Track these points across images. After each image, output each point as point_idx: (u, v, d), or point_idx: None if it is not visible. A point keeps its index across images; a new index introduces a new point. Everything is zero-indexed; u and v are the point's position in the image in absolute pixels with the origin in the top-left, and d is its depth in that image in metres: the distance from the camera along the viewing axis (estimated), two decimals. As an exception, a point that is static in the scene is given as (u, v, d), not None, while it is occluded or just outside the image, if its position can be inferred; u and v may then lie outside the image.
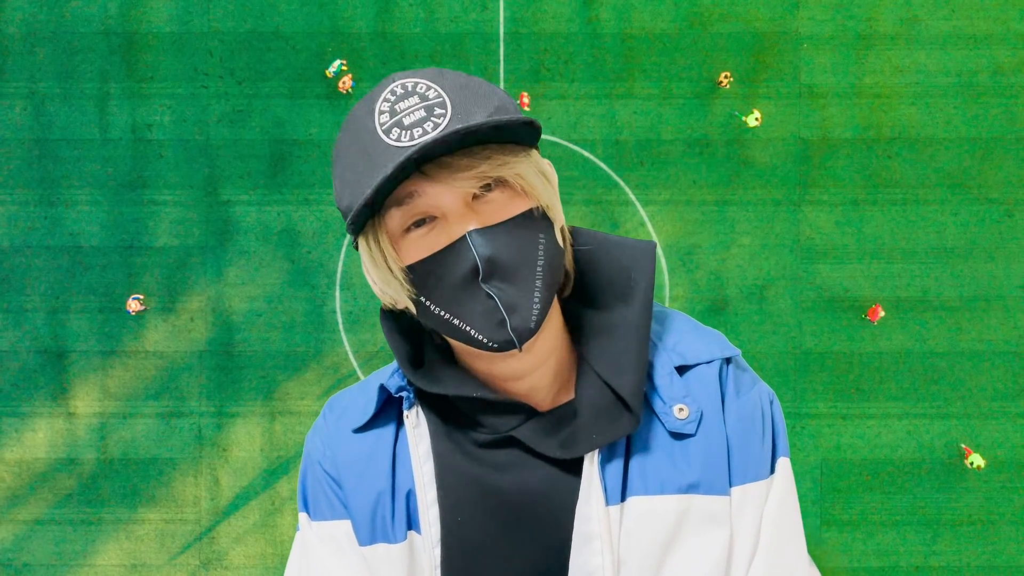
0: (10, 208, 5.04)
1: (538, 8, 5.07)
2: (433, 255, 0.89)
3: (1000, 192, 5.05)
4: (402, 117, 0.87)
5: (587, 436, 0.94)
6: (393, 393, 1.00)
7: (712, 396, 0.97)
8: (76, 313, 5.01)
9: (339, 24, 5.06)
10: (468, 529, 0.96)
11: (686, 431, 0.95)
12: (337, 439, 1.02)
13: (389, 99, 0.88)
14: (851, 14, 5.09)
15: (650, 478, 0.94)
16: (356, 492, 0.99)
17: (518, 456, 0.96)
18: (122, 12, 5.07)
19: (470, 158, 0.88)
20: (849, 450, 4.98)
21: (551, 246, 0.92)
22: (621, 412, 0.94)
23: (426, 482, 0.97)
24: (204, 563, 4.97)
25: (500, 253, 0.89)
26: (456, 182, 0.87)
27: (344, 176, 0.92)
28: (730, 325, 5.02)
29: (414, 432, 0.99)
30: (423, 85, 0.89)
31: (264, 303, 5.02)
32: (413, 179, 0.88)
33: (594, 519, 0.93)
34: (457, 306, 0.90)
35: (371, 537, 0.98)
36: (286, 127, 5.04)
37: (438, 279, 0.90)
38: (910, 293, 5.03)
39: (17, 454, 5.00)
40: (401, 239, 0.90)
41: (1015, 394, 5.01)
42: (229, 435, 4.99)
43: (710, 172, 5.05)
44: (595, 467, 0.93)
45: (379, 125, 0.87)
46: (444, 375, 0.98)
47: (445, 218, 0.89)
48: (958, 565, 4.96)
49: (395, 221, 0.89)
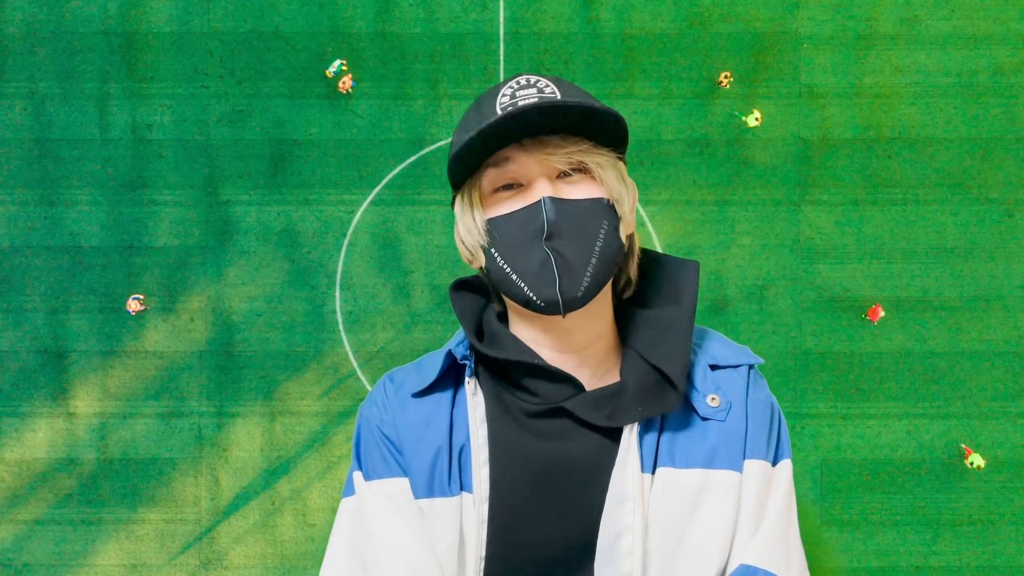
0: (10, 208, 5.04)
1: (538, 8, 5.07)
2: (511, 212, 1.04)
3: (1000, 192, 5.05)
4: (518, 100, 1.02)
5: (632, 409, 1.06)
6: (459, 359, 1.12)
7: (738, 392, 1.10)
8: (76, 313, 5.01)
9: (339, 24, 5.06)
10: (514, 488, 1.08)
11: (716, 417, 1.08)
12: (397, 405, 1.14)
13: (513, 87, 1.04)
14: (851, 14, 5.09)
15: (678, 453, 1.07)
16: (415, 451, 1.11)
17: (565, 425, 1.08)
18: (122, 12, 5.07)
19: (564, 141, 1.03)
20: (849, 450, 4.98)
21: (611, 235, 1.05)
22: (665, 390, 1.07)
23: (479, 444, 1.09)
24: (204, 563, 4.97)
25: (566, 222, 1.02)
26: (547, 157, 1.03)
27: (457, 136, 1.07)
28: (730, 325, 5.02)
29: (473, 399, 1.11)
30: (542, 81, 1.05)
31: (264, 303, 5.02)
32: (512, 147, 1.03)
33: (628, 483, 1.05)
34: (518, 260, 1.03)
35: (429, 491, 1.10)
36: (286, 127, 5.04)
37: (509, 234, 1.04)
38: (910, 293, 5.03)
39: (17, 454, 5.00)
40: (490, 196, 1.06)
41: (1015, 394, 5.01)
42: (229, 435, 4.99)
43: (710, 172, 5.05)
44: (634, 437, 1.06)
45: (499, 103, 1.03)
46: (507, 343, 1.11)
47: (530, 186, 1.04)
48: (958, 565, 4.96)
49: (488, 180, 1.05)
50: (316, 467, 4.99)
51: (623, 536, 1.05)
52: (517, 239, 1.03)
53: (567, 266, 1.01)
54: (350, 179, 5.04)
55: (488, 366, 1.13)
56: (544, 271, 1.01)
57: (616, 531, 1.05)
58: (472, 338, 1.12)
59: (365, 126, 5.05)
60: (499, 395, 1.11)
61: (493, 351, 1.09)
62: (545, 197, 1.02)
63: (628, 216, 1.09)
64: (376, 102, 5.05)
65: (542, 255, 1.02)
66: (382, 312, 5.03)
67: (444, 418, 1.11)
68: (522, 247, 1.03)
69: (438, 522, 1.09)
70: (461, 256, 1.13)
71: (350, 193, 5.04)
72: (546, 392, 1.08)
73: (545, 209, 1.01)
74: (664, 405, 1.06)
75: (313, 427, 5.00)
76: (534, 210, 1.02)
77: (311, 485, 4.99)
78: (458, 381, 1.13)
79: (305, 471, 5.03)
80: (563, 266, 1.01)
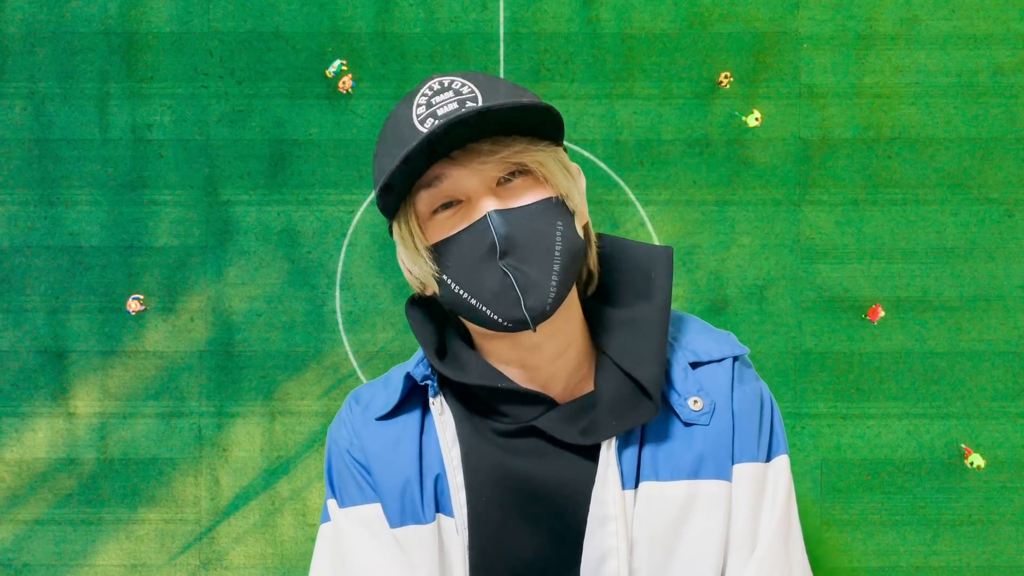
0: (10, 208, 5.04)
1: (538, 8, 5.08)
2: (456, 234, 0.95)
3: (1000, 192, 5.05)
4: (436, 108, 0.93)
5: (607, 423, 0.98)
6: (419, 382, 1.05)
7: (722, 390, 1.02)
8: (76, 313, 5.01)
9: (339, 24, 5.06)
10: (491, 510, 1.01)
11: (700, 422, 1.00)
12: (363, 427, 1.07)
13: (427, 94, 0.95)
14: (851, 14, 5.09)
15: (661, 465, 0.99)
16: (384, 477, 1.04)
17: (538, 444, 1.01)
18: (122, 12, 5.07)
19: (495, 145, 0.94)
20: (849, 450, 4.98)
21: (569, 234, 0.96)
22: (641, 400, 0.99)
23: (455, 466, 1.02)
24: (204, 563, 4.97)
25: (518, 233, 0.93)
26: (481, 166, 0.94)
27: (380, 163, 0.99)
28: (730, 325, 5.02)
29: (440, 419, 1.03)
30: (458, 82, 0.95)
31: (264, 303, 5.02)
32: (441, 163, 0.94)
33: (610, 502, 0.97)
34: (474, 284, 0.95)
35: (401, 519, 1.03)
36: (286, 127, 5.04)
37: (459, 257, 0.95)
38: (910, 293, 5.04)
39: (17, 454, 5.01)
40: (429, 220, 0.98)
41: (1015, 394, 5.02)
42: (229, 435, 4.99)
43: (710, 172, 5.05)
44: (612, 453, 0.98)
45: (415, 116, 0.94)
46: (469, 365, 1.03)
47: (469, 201, 0.95)
48: (958, 565, 4.97)
49: (423, 203, 0.97)
50: (316, 467, 4.99)
51: (608, 559, 0.98)
52: (468, 262, 0.94)
53: (529, 281, 0.93)
54: (350, 179, 5.05)
55: (452, 387, 1.05)
56: (505, 291, 0.93)
57: (600, 554, 0.98)
58: (433, 359, 1.03)
59: (365, 126, 5.05)
60: (467, 412, 1.04)
61: (455, 374, 1.01)
62: (490, 212, 0.93)
63: (581, 206, 1.01)
64: (376, 102, 5.06)
65: (499, 275, 0.93)
66: (382, 312, 5.03)
67: (412, 442, 1.04)
68: (476, 270, 0.94)
69: (414, 551, 1.02)
70: (411, 285, 1.05)
71: (350, 193, 5.05)
72: (515, 412, 1.01)
73: (492, 225, 0.93)
74: (641, 415, 0.98)
75: (313, 427, 5.00)
76: (480, 228, 0.93)
77: (311, 485, 4.99)
78: (425, 400, 1.06)
79: (305, 471, 5.04)
80: (525, 282, 0.93)
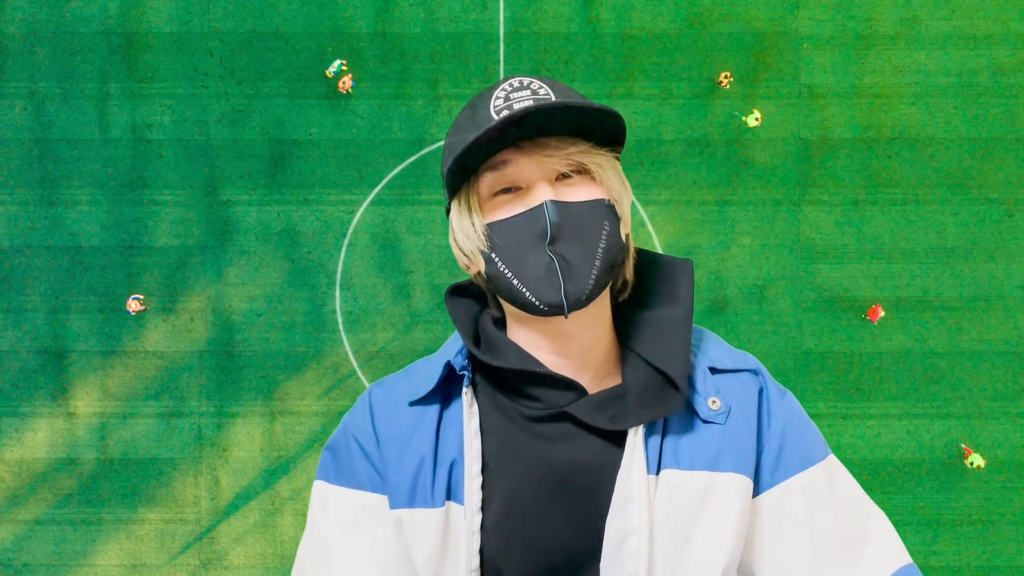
0: (10, 208, 5.04)
1: (538, 8, 5.07)
2: (511, 216, 1.02)
3: (1000, 192, 5.05)
4: (513, 103, 1.01)
5: (636, 412, 1.05)
6: (458, 370, 1.10)
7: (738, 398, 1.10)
8: (76, 313, 5.01)
9: (339, 24, 5.06)
10: (520, 494, 1.07)
11: (717, 421, 1.07)
12: (382, 415, 1.13)
13: (506, 89, 1.03)
14: (851, 14, 5.09)
15: (682, 455, 1.06)
16: (398, 461, 1.10)
17: (568, 429, 1.07)
18: (122, 12, 5.07)
19: (562, 142, 1.01)
20: (849, 450, 4.98)
21: (613, 236, 1.04)
22: (668, 392, 1.06)
23: (473, 456, 1.08)
24: (204, 563, 4.97)
25: (569, 224, 1.01)
26: (545, 159, 1.01)
27: (452, 143, 1.05)
28: (730, 325, 5.02)
29: (469, 409, 1.09)
30: (536, 83, 1.03)
31: (264, 303, 5.02)
32: (510, 150, 1.01)
33: (635, 484, 1.04)
34: (520, 265, 1.02)
35: (410, 501, 1.09)
36: (286, 127, 5.04)
37: (510, 238, 1.02)
38: (910, 293, 5.03)
39: (17, 454, 5.00)
40: (488, 200, 1.04)
41: (1015, 394, 5.01)
42: (229, 435, 4.99)
43: (710, 172, 5.05)
44: (639, 439, 1.05)
45: (493, 107, 1.02)
46: (507, 352, 1.09)
47: (529, 189, 1.02)
48: (958, 565, 4.96)
49: (486, 184, 1.03)
50: (316, 467, 4.99)
51: (629, 537, 1.04)
52: (519, 243, 1.02)
53: (571, 270, 1.01)
54: (350, 179, 5.04)
55: (486, 374, 1.11)
56: (548, 276, 1.00)
57: (622, 532, 1.04)
58: (471, 346, 1.10)
59: (365, 126, 5.05)
60: (498, 402, 1.10)
61: (493, 359, 1.08)
62: (547, 201, 1.00)
63: (626, 215, 1.09)
64: (376, 102, 5.05)
65: (546, 260, 1.01)
66: (382, 312, 5.03)
67: (430, 429, 1.10)
68: (524, 252, 1.02)
69: (418, 532, 1.08)
70: (458, 262, 1.11)
71: (350, 193, 5.04)
72: (548, 397, 1.08)
73: (547, 213, 1.00)
74: (667, 407, 1.05)
75: (313, 427, 5.00)
76: (536, 214, 1.01)
77: (311, 485, 4.99)
78: (447, 391, 1.12)
79: (305, 471, 5.03)
80: (567, 270, 1.00)
